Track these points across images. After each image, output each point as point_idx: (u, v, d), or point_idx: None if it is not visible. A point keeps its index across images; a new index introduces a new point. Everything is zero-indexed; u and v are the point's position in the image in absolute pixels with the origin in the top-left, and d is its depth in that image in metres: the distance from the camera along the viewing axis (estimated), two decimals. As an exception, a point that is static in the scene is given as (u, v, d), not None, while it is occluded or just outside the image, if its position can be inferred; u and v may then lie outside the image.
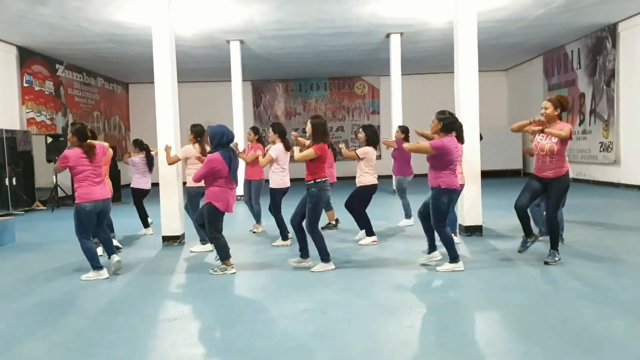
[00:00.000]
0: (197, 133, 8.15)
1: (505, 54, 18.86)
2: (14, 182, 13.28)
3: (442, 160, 6.04)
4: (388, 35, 15.19)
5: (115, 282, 6.20)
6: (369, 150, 8.06)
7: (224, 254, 6.41)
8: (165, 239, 8.53)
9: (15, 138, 13.87)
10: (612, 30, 14.80)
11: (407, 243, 7.99)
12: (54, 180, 14.35)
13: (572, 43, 17.04)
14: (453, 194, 6.20)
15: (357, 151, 8.10)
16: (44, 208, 14.25)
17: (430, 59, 19.07)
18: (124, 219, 11.06)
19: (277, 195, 8.16)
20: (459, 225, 8.50)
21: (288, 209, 7.37)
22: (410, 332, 4.31)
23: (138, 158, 9.58)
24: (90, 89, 19.50)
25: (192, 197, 8.01)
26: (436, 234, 6.36)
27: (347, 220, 9.16)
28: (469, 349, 3.92)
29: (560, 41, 17.09)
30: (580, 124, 16.71)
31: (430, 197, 6.23)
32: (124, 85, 22.79)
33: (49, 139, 14.72)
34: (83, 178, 6.23)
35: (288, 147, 8.25)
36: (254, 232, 9.35)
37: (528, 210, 6.48)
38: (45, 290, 5.99)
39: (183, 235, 8.68)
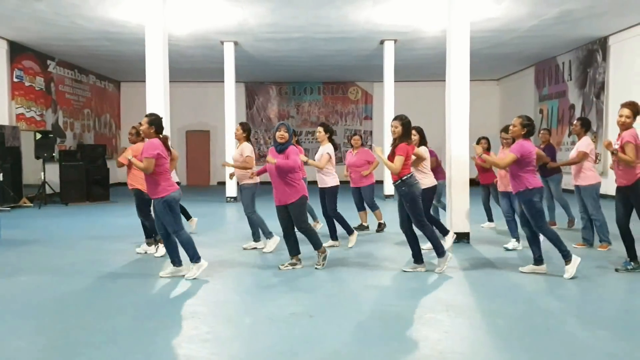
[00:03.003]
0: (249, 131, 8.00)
1: (498, 63, 18.98)
2: (1, 178, 13.16)
3: (523, 163, 6.11)
4: (382, 42, 15.24)
5: (101, 282, 6.16)
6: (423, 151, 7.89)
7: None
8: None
9: (4, 133, 13.76)
10: (603, 44, 14.94)
11: (399, 248, 7.99)
12: (42, 177, 14.27)
13: (564, 55, 17.17)
14: (541, 190, 6.24)
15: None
16: (32, 205, 14.15)
17: (424, 67, 19.15)
18: (114, 219, 11.03)
19: (336, 194, 8.09)
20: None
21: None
22: (395, 337, 4.31)
23: None
24: (81, 86, 19.40)
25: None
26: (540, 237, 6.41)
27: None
28: (454, 355, 3.93)
29: (552, 52, 17.23)
30: (569, 135, 16.82)
31: (519, 203, 6.29)
32: (116, 83, 22.70)
33: (38, 135, 14.66)
34: (165, 170, 6.13)
35: (336, 147, 8.38)
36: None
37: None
38: (30, 288, 5.95)
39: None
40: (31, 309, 5.14)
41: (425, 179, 7.54)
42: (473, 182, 9.00)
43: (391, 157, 6.30)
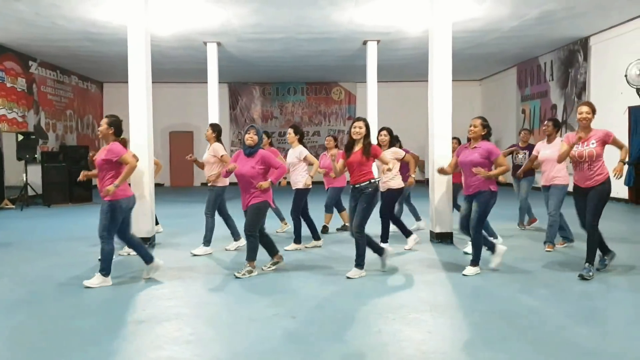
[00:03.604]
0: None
1: (480, 64, 19.12)
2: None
3: (490, 164, 6.26)
4: (365, 43, 15.28)
5: (82, 284, 6.12)
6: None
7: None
8: (136, 240, 8.45)
9: (-15, 135, 13.63)
10: (584, 44, 15.10)
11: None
12: (24, 179, 14.14)
13: (546, 55, 17.34)
14: (496, 195, 6.35)
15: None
16: (13, 207, 14.01)
17: (407, 67, 19.22)
18: (96, 220, 10.93)
19: (305, 196, 8.11)
20: (430, 231, 8.60)
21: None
22: (378, 337, 4.34)
23: None
24: (63, 87, 19.25)
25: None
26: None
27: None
28: (435, 354, 3.96)
29: (534, 53, 17.39)
30: (551, 135, 16.96)
31: (476, 202, 6.27)
32: (99, 84, 22.54)
33: (20, 137, 14.52)
34: (119, 174, 5.99)
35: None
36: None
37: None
38: (11, 290, 5.89)
39: (154, 238, 8.61)
40: (12, 311, 5.09)
41: (394, 180, 7.64)
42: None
43: (359, 157, 6.26)
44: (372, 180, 6.24)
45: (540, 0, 11.47)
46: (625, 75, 13.39)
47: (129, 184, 6.34)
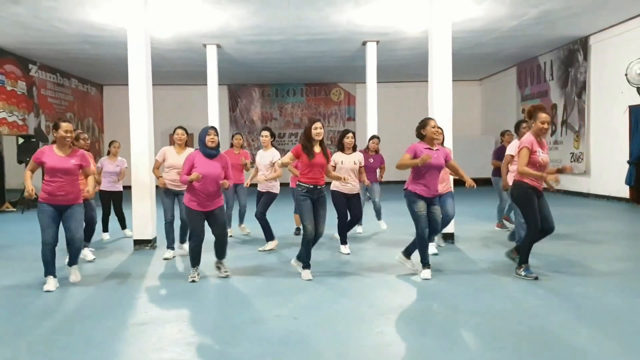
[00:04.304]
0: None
1: (479, 64, 19.12)
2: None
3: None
4: (364, 43, 15.28)
5: (85, 286, 6.11)
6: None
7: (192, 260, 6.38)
8: (137, 242, 8.46)
9: (-15, 138, 13.64)
10: (583, 43, 15.10)
11: (379, 250, 8.02)
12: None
13: (545, 54, 17.34)
14: None
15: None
16: (14, 210, 14.01)
17: (406, 68, 19.23)
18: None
19: (274, 199, 8.22)
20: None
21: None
22: (380, 338, 4.33)
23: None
24: (63, 90, 19.26)
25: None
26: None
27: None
28: (437, 355, 3.95)
29: (534, 52, 17.39)
30: (552, 135, 16.98)
31: (450, 202, 6.51)
32: (99, 86, 22.55)
33: (21, 140, 14.51)
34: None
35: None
36: None
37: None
38: (13, 293, 5.88)
39: (155, 239, 8.61)
40: (12, 314, 5.08)
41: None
42: (457, 183, 9.04)
43: (324, 157, 6.38)
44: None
45: (539, -1, 11.49)
46: (626, 74, 13.38)
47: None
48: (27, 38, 13.95)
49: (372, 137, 9.98)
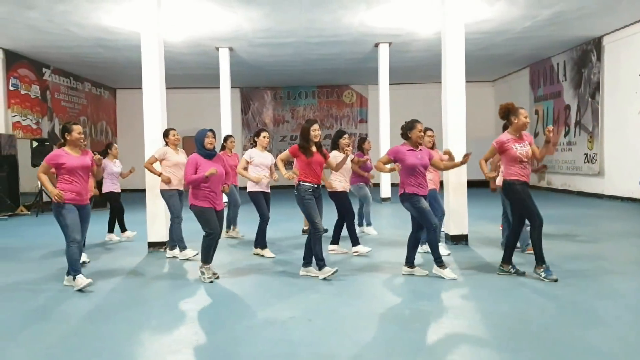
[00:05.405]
0: None
1: (492, 65, 19.05)
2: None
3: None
4: (377, 45, 15.28)
5: (100, 288, 6.15)
6: None
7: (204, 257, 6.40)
8: (151, 245, 8.49)
9: (0, 142, 13.75)
10: (597, 44, 15.00)
11: (394, 251, 8.00)
12: (39, 185, 14.23)
13: (558, 55, 17.24)
14: None
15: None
16: (29, 213, 14.13)
17: (418, 69, 19.20)
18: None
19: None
20: (445, 234, 8.55)
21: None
22: (394, 339, 4.32)
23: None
24: (77, 93, 19.40)
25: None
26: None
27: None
28: (452, 356, 3.94)
29: (547, 53, 17.29)
30: (565, 136, 16.88)
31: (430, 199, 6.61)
32: (112, 90, 22.70)
33: (34, 144, 14.63)
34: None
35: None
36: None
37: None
38: (28, 296, 5.93)
39: (169, 242, 8.63)
40: (28, 316, 5.11)
41: (339, 182, 7.91)
42: (472, 184, 9.01)
43: (322, 156, 6.59)
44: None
45: (551, 1, 11.42)
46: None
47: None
48: (40, 42, 14.08)
49: (364, 139, 10.03)
